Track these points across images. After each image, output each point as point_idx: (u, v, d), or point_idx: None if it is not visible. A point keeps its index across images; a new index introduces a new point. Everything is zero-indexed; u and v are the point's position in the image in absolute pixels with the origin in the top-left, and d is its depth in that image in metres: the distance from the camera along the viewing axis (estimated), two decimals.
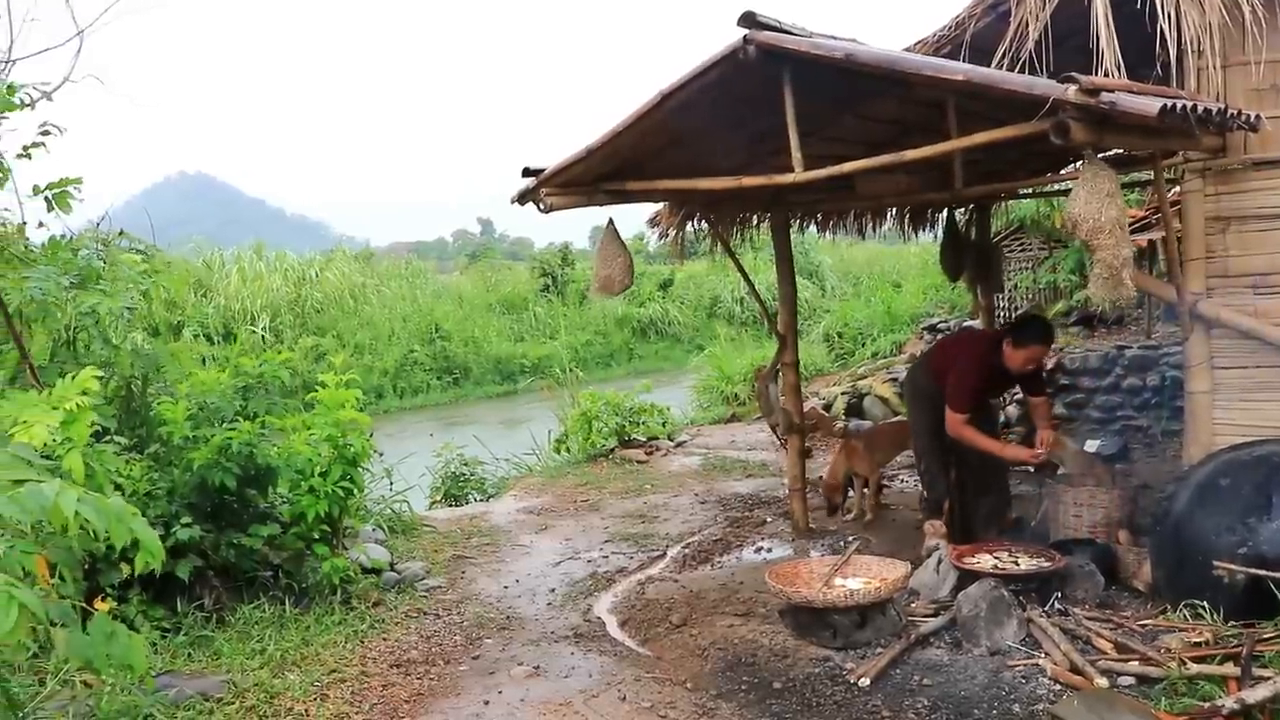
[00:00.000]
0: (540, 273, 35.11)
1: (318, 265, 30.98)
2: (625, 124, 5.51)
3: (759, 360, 16.83)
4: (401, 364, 27.69)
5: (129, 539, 3.08)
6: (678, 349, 32.30)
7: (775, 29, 5.16)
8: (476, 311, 31.82)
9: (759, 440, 12.44)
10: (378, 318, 29.55)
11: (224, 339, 24.67)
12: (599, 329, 32.83)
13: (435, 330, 29.32)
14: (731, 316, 33.43)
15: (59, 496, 2.89)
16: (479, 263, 41.00)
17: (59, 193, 5.78)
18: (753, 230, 8.85)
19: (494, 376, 28.92)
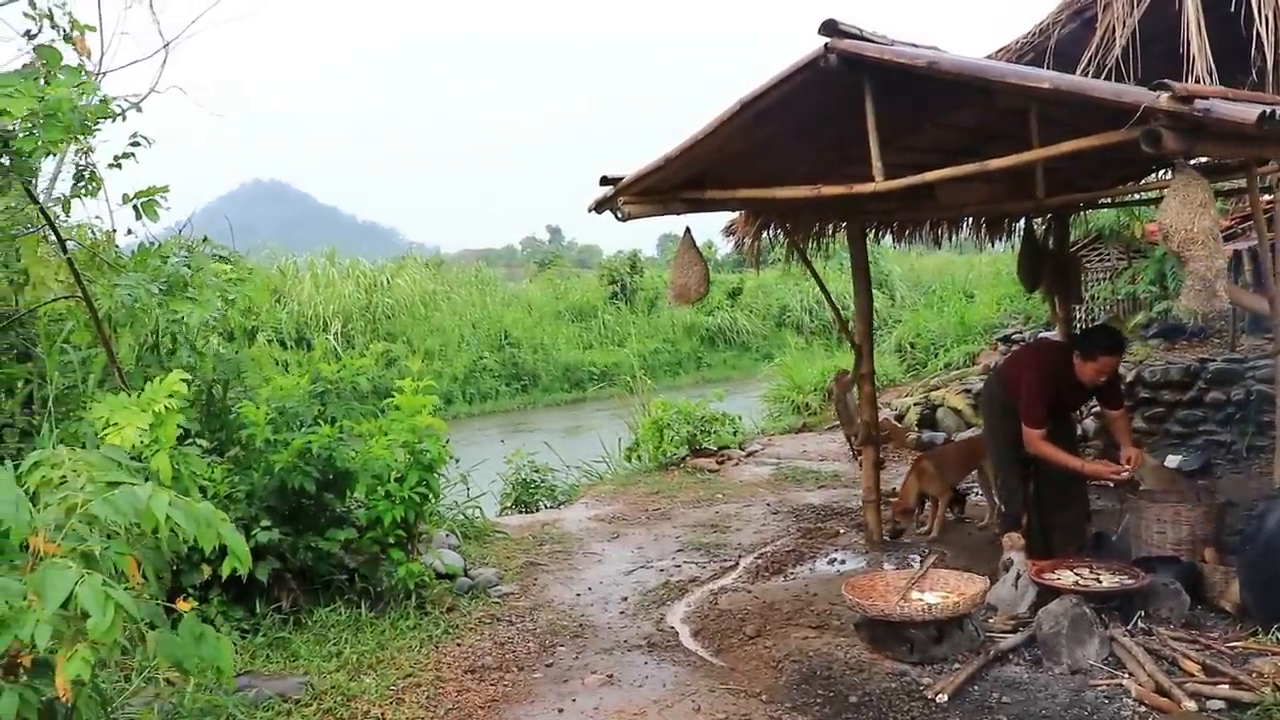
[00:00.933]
0: (609, 280, 35.15)
1: (389, 272, 31.33)
2: (704, 132, 5.50)
3: (830, 370, 16.69)
4: (471, 370, 27.91)
5: (216, 543, 3.13)
6: (746, 357, 32.17)
7: (857, 37, 5.12)
8: (545, 319, 31.97)
9: (830, 450, 12.36)
10: (448, 324, 29.82)
11: (297, 344, 25.05)
12: (667, 337, 32.82)
13: (504, 337, 29.52)
14: (800, 326, 33.23)
15: (151, 500, 2.94)
16: (548, 270, 41.18)
17: (147, 201, 5.89)
18: (828, 240, 8.77)
19: (562, 383, 29.03)
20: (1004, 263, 18.74)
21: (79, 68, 5.20)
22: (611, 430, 14.11)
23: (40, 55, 4.94)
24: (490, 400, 27.45)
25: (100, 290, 5.99)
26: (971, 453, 8.06)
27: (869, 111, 5.29)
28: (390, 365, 21.82)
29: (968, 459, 8.11)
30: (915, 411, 12.98)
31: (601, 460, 13.01)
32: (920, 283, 34.27)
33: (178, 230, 7.56)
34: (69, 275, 5.96)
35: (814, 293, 33.07)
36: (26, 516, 2.85)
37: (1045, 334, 13.50)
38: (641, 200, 5.99)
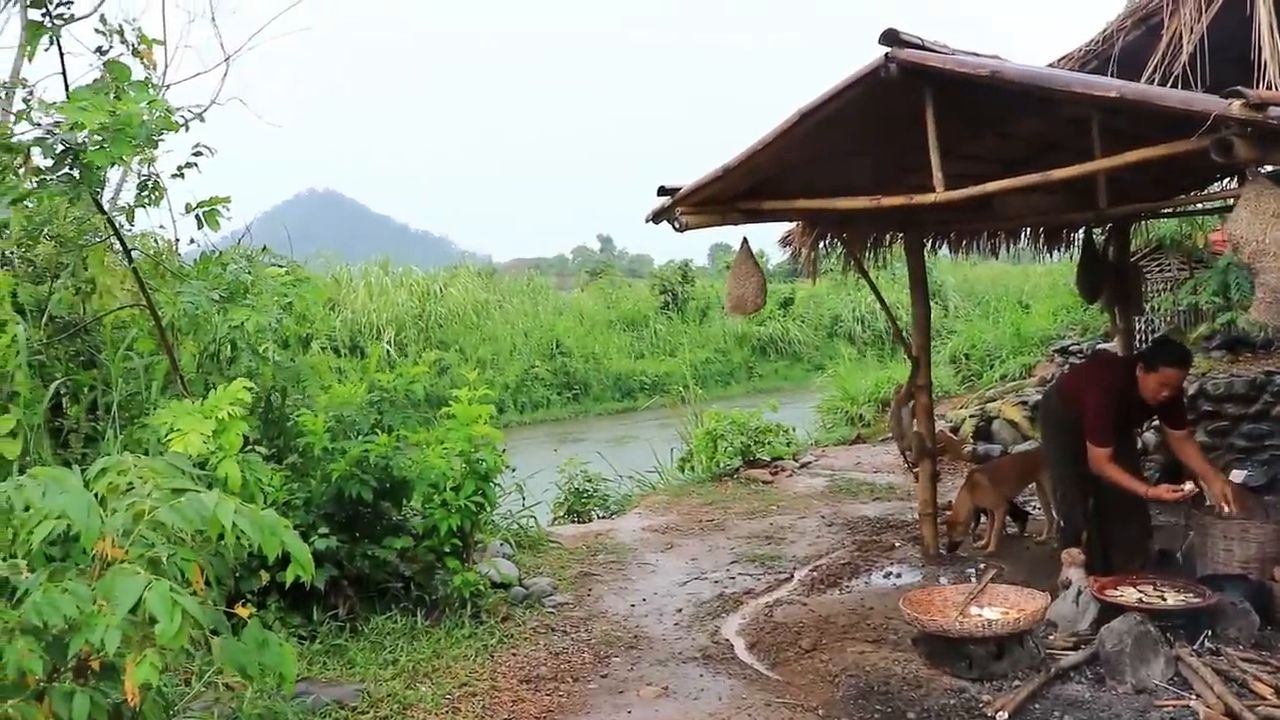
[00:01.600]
0: (660, 290, 35.18)
1: (442, 280, 31.56)
2: (763, 143, 5.48)
3: (884, 382, 16.59)
4: (522, 379, 28.02)
5: (280, 551, 3.16)
6: (798, 368, 32.07)
7: (918, 46, 5.08)
8: (597, 328, 32.05)
9: (885, 462, 12.26)
10: (500, 333, 29.97)
11: (351, 352, 25.30)
12: (719, 347, 32.78)
13: (556, 346, 29.63)
14: (852, 336, 33.08)
15: (217, 508, 2.97)
16: (600, 279, 41.30)
17: (209, 211, 5.98)
18: (885, 250, 8.70)
19: (614, 393, 29.08)
20: (1060, 273, 18.52)
21: (146, 82, 5.30)
22: (663, 440, 14.09)
23: (110, 70, 5.03)
24: (541, 409, 27.54)
25: (163, 298, 6.08)
26: (1027, 466, 7.95)
27: (929, 121, 5.25)
28: (443, 373, 21.98)
29: (1023, 473, 8.00)
30: (971, 424, 12.83)
31: (654, 470, 12.99)
32: (974, 293, 34.01)
33: (236, 239, 7.66)
34: (134, 284, 6.05)
35: (866, 303, 32.93)
36: (97, 522, 2.89)
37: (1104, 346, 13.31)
38: (699, 211, 5.98)
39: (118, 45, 5.39)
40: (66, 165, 5.03)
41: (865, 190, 6.05)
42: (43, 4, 4.87)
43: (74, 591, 2.85)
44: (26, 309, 6.34)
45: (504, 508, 8.85)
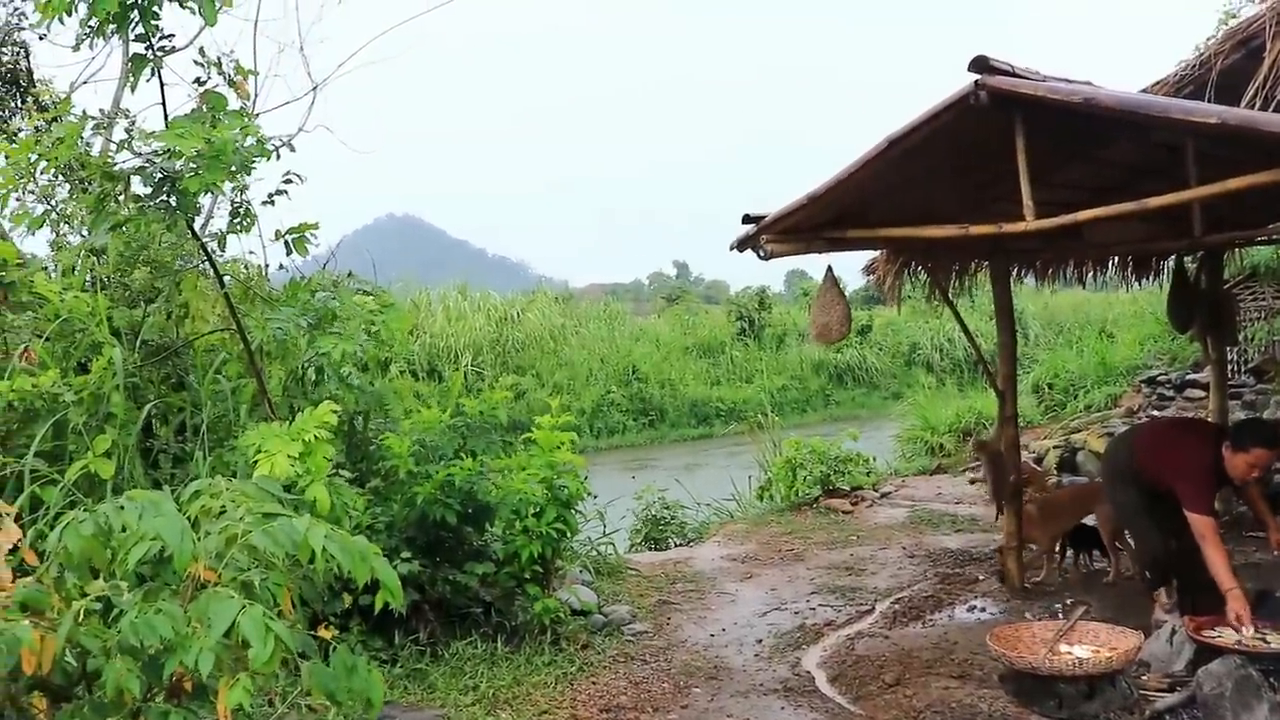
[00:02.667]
0: (737, 316, 35.09)
1: (520, 305, 31.79)
2: (849, 170, 5.44)
3: (965, 411, 16.38)
4: (599, 404, 28.07)
5: (369, 577, 3.17)
6: (875, 396, 31.76)
7: (1008, 73, 5.01)
8: (673, 354, 32.03)
9: (966, 493, 12.06)
10: (576, 358, 30.09)
11: (428, 375, 25.56)
12: (795, 374, 32.57)
13: (632, 372, 29.66)
14: (930, 364, 32.68)
15: (309, 533, 2.99)
16: (676, 305, 41.31)
17: (298, 237, 6.09)
18: (969, 278, 8.58)
19: (690, 419, 29.00)
20: (1146, 300, 18.18)
21: (241, 111, 5.41)
22: (740, 468, 14.01)
23: (207, 100, 5.15)
24: (617, 435, 27.56)
25: (253, 323, 6.19)
26: (1083, 501, 7.76)
27: (1019, 149, 5.17)
28: (519, 398, 22.10)
29: (1077, 507, 7.78)
30: (1055, 454, 12.59)
31: (731, 498, 12.91)
32: (1054, 321, 33.47)
33: (321, 265, 7.78)
34: (224, 309, 6.17)
35: (945, 330, 32.55)
36: (190, 545, 2.92)
37: (1194, 376, 13.02)
38: (784, 239, 5.95)
39: (214, 76, 5.50)
40: (164, 193, 5.15)
41: (952, 218, 5.97)
42: (146, 38, 5.00)
43: (168, 613, 2.88)
44: (121, 332, 6.50)
45: (583, 534, 8.85)
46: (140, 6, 4.92)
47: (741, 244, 6.03)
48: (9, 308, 6.53)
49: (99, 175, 5.41)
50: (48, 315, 6.40)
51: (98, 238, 5.49)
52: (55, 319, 6.30)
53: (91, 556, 3.09)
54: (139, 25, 5.00)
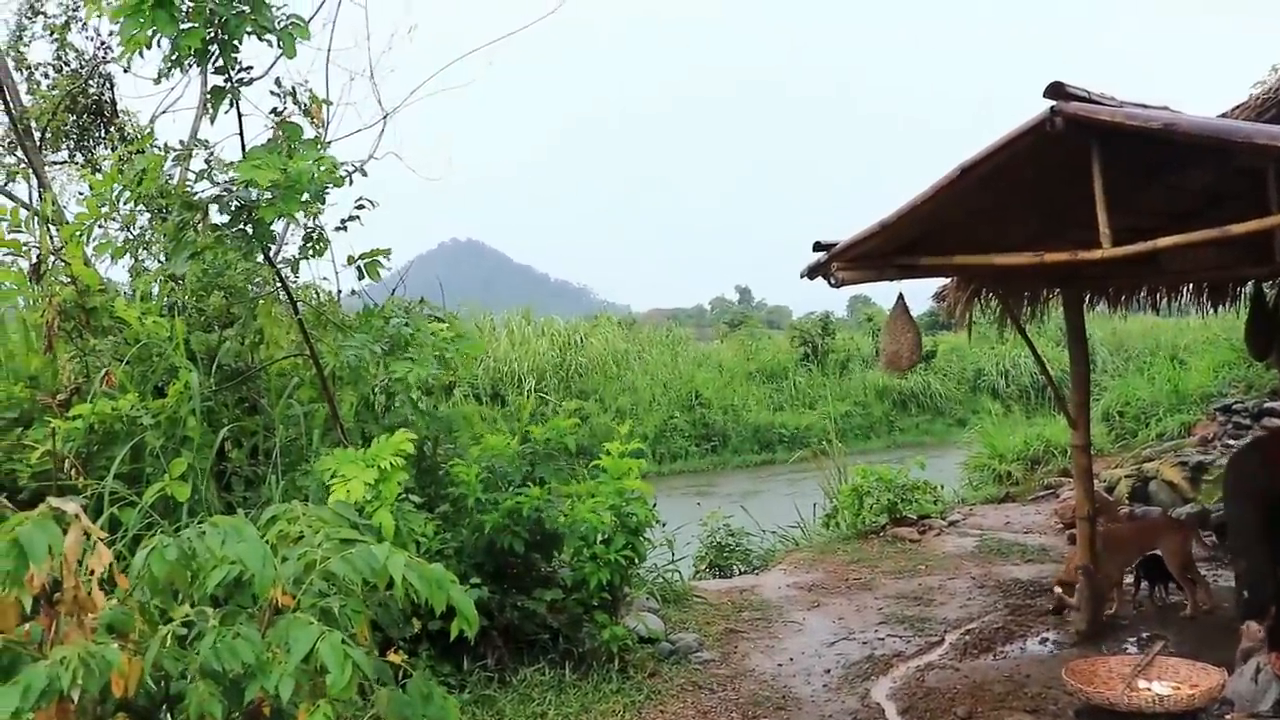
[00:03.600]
0: (800, 342, 34.91)
1: (583, 330, 31.93)
2: (922, 198, 5.39)
3: (1033, 439, 16.11)
4: (661, 430, 28.02)
5: (445, 605, 3.18)
6: (939, 422, 31.41)
7: (1084, 99, 4.95)
8: (736, 379, 31.93)
9: (1036, 523, 11.87)
10: (639, 383, 30.10)
11: (491, 400, 25.71)
12: (859, 400, 32.29)
13: (695, 397, 29.60)
14: (996, 390, 32.26)
15: (388, 560, 3.02)
16: (739, 331, 41.20)
17: (370, 263, 6.17)
18: (1042, 306, 8.46)
19: (752, 445, 28.86)
20: (1219, 326, 17.79)
21: (316, 140, 5.51)
22: (804, 494, 13.91)
23: (283, 130, 5.25)
24: (680, 460, 27.49)
25: (325, 349, 6.27)
26: (1149, 533, 7.59)
27: (1096, 175, 5.09)
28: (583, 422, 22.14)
29: (1140, 541, 7.61)
30: (1126, 484, 12.35)
31: (796, 525, 12.82)
32: (1123, 347, 32.90)
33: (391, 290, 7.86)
34: (298, 334, 6.26)
35: (1010, 356, 32.14)
36: (271, 571, 2.96)
37: (1271, 404, 12.71)
38: (855, 266, 5.90)
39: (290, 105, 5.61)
40: (241, 221, 5.25)
41: (1025, 244, 5.91)
42: (225, 70, 5.11)
43: (248, 637, 2.92)
44: (198, 356, 6.62)
45: (649, 560, 8.83)
46: (220, 40, 5.03)
47: (812, 271, 5.99)
48: (91, 332, 6.68)
49: (179, 204, 5.53)
50: (128, 339, 6.54)
51: (177, 265, 5.60)
52: (135, 343, 6.43)
53: (174, 580, 3.14)
54: (219, 58, 5.11)
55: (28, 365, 6.61)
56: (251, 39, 5.21)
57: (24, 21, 10.29)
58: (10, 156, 10.29)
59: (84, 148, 9.99)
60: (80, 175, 9.37)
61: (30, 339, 6.70)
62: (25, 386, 6.40)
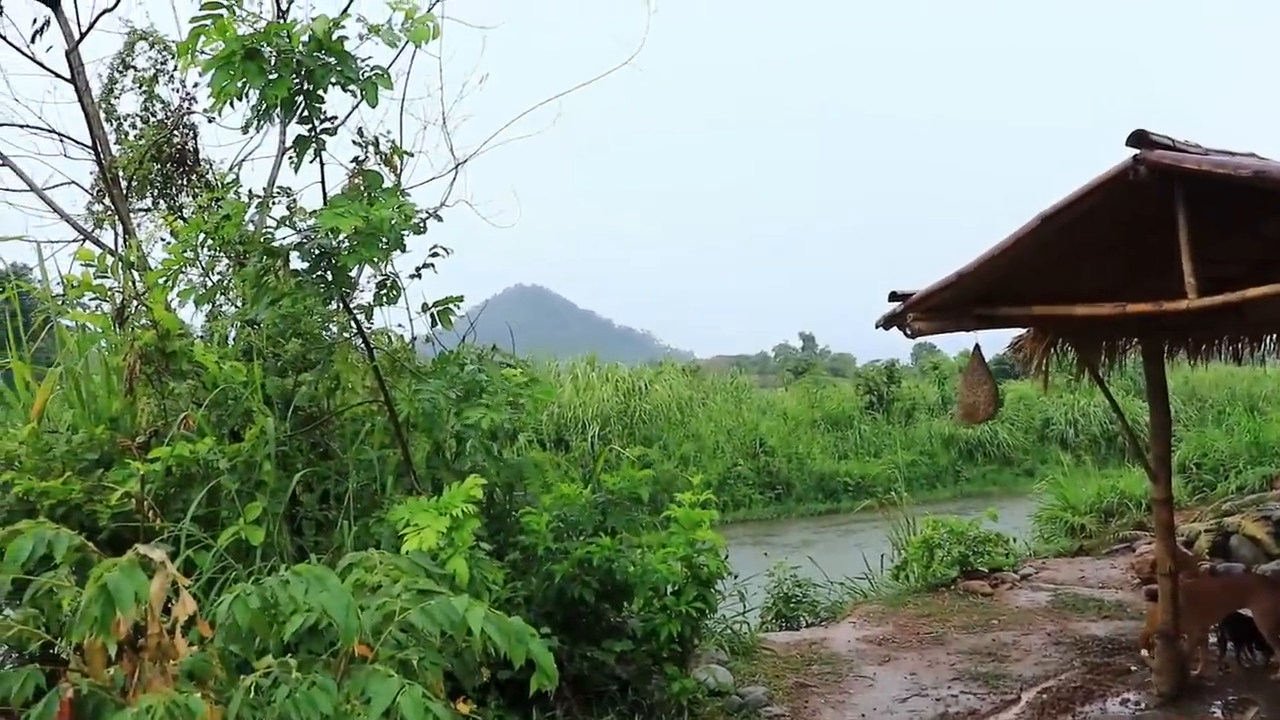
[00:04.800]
0: (865, 390, 34.63)
1: (647, 377, 31.89)
2: (1001, 248, 5.34)
3: (1106, 491, 15.78)
4: (725, 477, 27.84)
5: (525, 658, 3.16)
6: (1006, 472, 30.92)
7: (1168, 147, 4.88)
8: (800, 427, 31.70)
9: (1112, 578, 11.59)
10: (703, 430, 29.99)
11: (556, 445, 25.72)
12: (924, 449, 31.88)
13: (759, 445, 29.41)
14: (1065, 440, 31.70)
15: (468, 613, 3.00)
16: (803, 378, 40.98)
17: (443, 310, 6.22)
18: (1121, 356, 8.30)
19: (817, 494, 28.59)
20: None
21: (395, 188, 5.57)
22: (871, 544, 13.72)
23: (365, 179, 5.32)
24: (744, 508, 27.28)
25: (399, 395, 6.31)
26: (1238, 591, 7.35)
27: (1181, 225, 5.01)
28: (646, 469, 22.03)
29: (1232, 598, 7.37)
30: (1206, 539, 12.00)
31: (864, 576, 12.64)
32: (1196, 395, 32.23)
33: (461, 336, 7.90)
34: (373, 380, 6.30)
35: (1079, 405, 31.61)
36: (356, 622, 2.96)
37: None
38: (931, 317, 5.85)
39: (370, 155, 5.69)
40: (321, 268, 5.31)
41: (1103, 293, 5.82)
42: (310, 120, 5.19)
43: (324, 687, 2.91)
44: (273, 401, 6.68)
45: (718, 610, 8.74)
46: (306, 91, 5.11)
47: (888, 321, 5.95)
48: (170, 376, 6.78)
49: (260, 251, 5.61)
50: (205, 383, 6.63)
51: (258, 311, 5.68)
52: (213, 387, 6.51)
53: (254, 628, 3.14)
54: (304, 108, 5.19)
55: (108, 407, 6.71)
56: (334, 88, 5.29)
57: (116, 75, 10.62)
58: (99, 204, 10.59)
59: (167, 195, 10.23)
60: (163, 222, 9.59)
61: (112, 382, 6.81)
62: (106, 428, 6.50)
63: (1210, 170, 4.63)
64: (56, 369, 6.85)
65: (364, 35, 5.20)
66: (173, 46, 10.48)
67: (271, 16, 8.01)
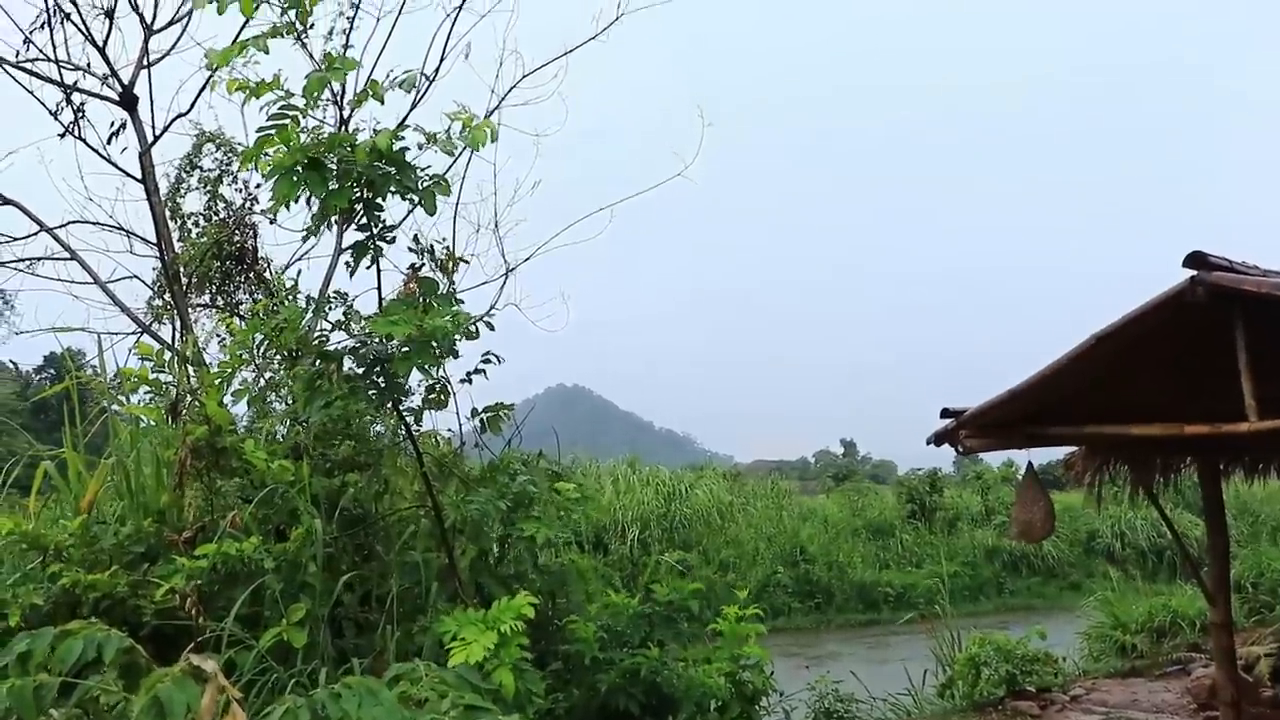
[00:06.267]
0: (907, 499, 34.24)
1: (688, 481, 31.74)
2: (1055, 367, 5.31)
3: (1158, 609, 15.41)
4: (764, 585, 27.47)
5: None
6: (1051, 585, 30.33)
7: (1226, 268, 4.86)
8: (841, 535, 31.33)
9: (1166, 701, 11.24)
10: (743, 536, 29.74)
11: (595, 548, 25.54)
12: (967, 559, 31.33)
13: (800, 552, 29.08)
14: (1111, 553, 31.08)
15: None
16: (844, 485, 40.65)
17: (492, 417, 6.24)
18: (1175, 476, 8.18)
19: (857, 603, 28.14)
20: None
21: (450, 295, 5.64)
22: (914, 657, 13.44)
23: (421, 285, 5.39)
24: (783, 617, 26.84)
25: (447, 500, 6.30)
26: None
27: (1240, 346, 4.96)
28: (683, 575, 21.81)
29: None
30: (1267, 664, 11.64)
31: (906, 691, 12.35)
32: (1248, 510, 31.56)
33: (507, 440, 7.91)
34: (421, 484, 6.30)
35: (1126, 518, 31.04)
36: None
37: None
38: (983, 434, 5.81)
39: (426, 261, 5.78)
40: (375, 373, 5.36)
41: (1158, 412, 5.75)
42: (368, 227, 5.29)
43: None
44: (320, 501, 6.69)
45: None
46: (366, 199, 5.21)
47: (939, 438, 5.91)
48: (220, 472, 6.82)
49: (315, 354, 5.67)
50: (254, 481, 6.65)
51: (311, 413, 5.73)
52: (261, 485, 6.53)
53: None
54: (363, 215, 5.29)
55: (157, 500, 6.75)
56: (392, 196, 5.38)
57: (183, 175, 10.95)
58: (159, 299, 10.84)
59: (225, 292, 10.46)
60: (219, 319, 9.78)
61: (162, 475, 6.86)
62: (154, 521, 6.53)
63: (1271, 293, 4.60)
64: (108, 460, 6.91)
65: (423, 145, 5.30)
66: (237, 148, 10.82)
67: (333, 122, 8.21)
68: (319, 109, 5.48)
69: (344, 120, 8.32)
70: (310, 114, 5.34)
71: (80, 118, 10.51)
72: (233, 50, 5.29)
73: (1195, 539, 22.16)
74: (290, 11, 5.17)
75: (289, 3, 5.16)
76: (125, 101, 10.22)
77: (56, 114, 10.45)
